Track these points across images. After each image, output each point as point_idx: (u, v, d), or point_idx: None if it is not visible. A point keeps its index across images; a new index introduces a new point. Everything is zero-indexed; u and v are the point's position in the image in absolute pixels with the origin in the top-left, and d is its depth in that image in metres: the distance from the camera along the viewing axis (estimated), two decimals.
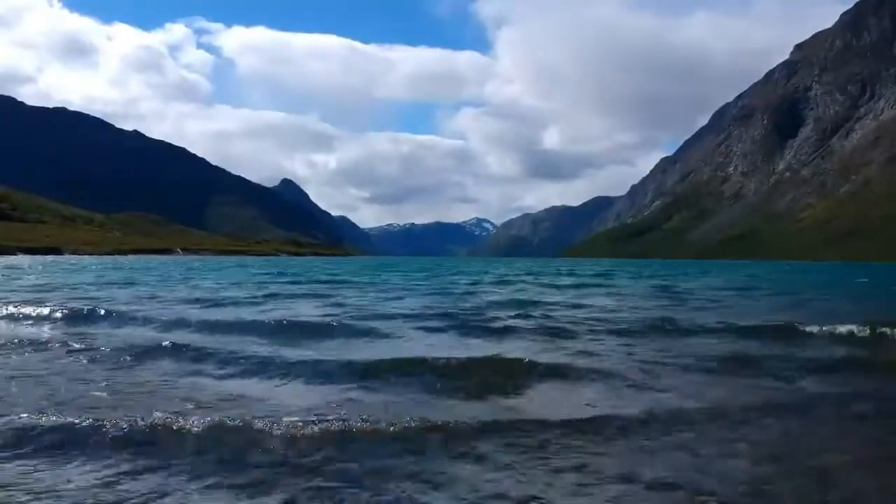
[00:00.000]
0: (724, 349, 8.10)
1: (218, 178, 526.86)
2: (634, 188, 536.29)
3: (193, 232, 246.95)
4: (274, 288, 21.21)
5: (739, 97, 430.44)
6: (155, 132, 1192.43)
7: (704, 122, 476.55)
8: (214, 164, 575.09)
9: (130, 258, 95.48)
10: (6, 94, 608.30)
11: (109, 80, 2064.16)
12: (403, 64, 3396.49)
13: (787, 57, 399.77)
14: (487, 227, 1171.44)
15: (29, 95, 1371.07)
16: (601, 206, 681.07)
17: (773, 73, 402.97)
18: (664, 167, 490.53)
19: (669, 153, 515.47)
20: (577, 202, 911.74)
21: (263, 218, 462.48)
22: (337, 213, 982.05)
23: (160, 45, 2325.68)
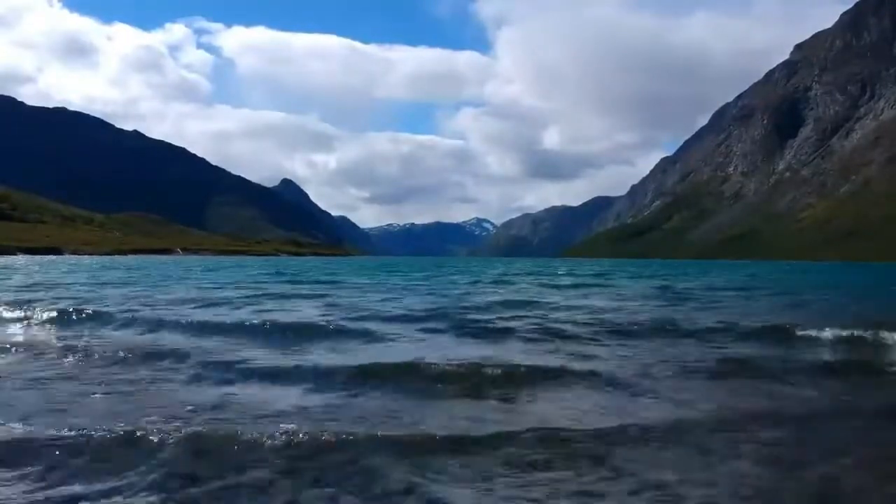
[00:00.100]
0: (725, 352, 8.03)
1: (218, 178, 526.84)
2: (634, 188, 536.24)
3: (193, 232, 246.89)
4: (271, 288, 21.07)
5: (739, 97, 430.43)
6: (155, 132, 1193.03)
7: (704, 122, 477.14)
8: (214, 164, 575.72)
9: (130, 258, 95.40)
10: (6, 94, 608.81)
11: (109, 80, 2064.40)
12: (403, 64, 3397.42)
13: (787, 57, 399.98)
14: (487, 227, 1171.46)
15: (29, 95, 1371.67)
16: (601, 206, 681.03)
17: (773, 73, 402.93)
18: (664, 167, 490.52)
19: (669, 153, 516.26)
20: (577, 202, 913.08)
21: (263, 218, 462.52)
22: (337, 213, 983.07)
23: (160, 45, 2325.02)
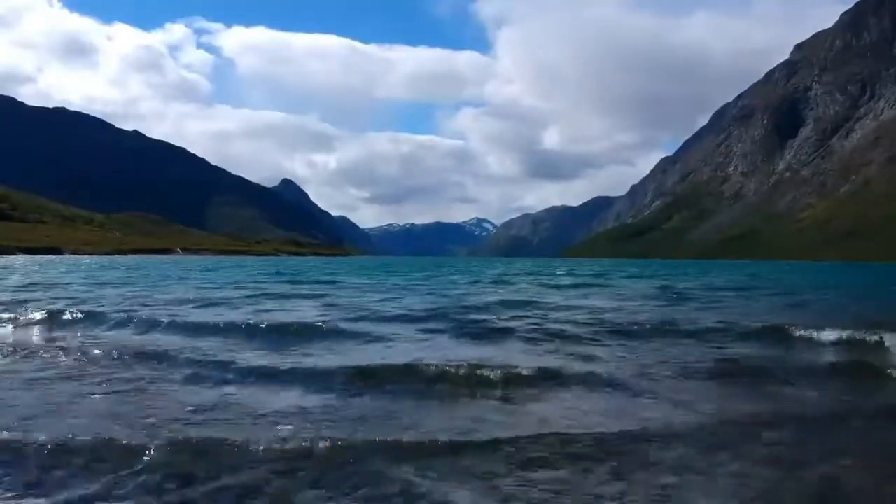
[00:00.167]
0: (725, 352, 7.93)
1: (218, 178, 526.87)
2: (634, 188, 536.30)
3: (193, 232, 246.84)
4: (270, 288, 20.95)
5: (739, 97, 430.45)
6: (155, 132, 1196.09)
7: (704, 122, 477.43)
8: (214, 164, 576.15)
9: (130, 258, 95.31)
10: (6, 94, 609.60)
11: (109, 80, 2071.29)
12: (403, 64, 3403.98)
13: (787, 57, 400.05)
14: (487, 227, 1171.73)
15: (29, 95, 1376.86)
16: (601, 206, 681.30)
17: (773, 73, 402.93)
18: (664, 167, 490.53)
19: (669, 153, 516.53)
20: (577, 202, 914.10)
21: (263, 218, 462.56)
22: (337, 213, 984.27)
23: (160, 45, 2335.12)
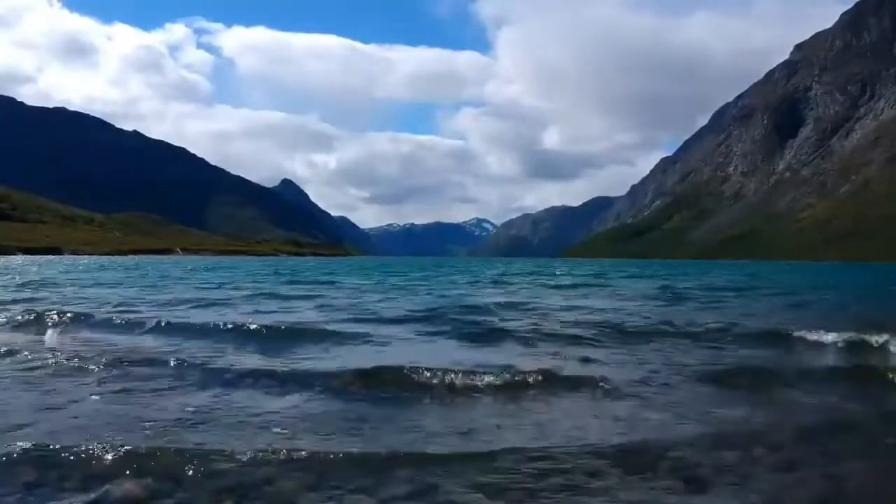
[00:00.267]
0: (727, 355, 7.78)
1: (218, 178, 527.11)
2: (634, 188, 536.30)
3: (193, 232, 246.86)
4: (267, 288, 20.80)
5: (739, 97, 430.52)
6: (155, 132, 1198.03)
7: (704, 122, 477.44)
8: (214, 164, 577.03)
9: (129, 258, 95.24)
10: (6, 94, 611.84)
11: (109, 80, 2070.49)
12: (403, 64, 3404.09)
13: (787, 57, 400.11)
14: (487, 227, 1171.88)
15: (29, 95, 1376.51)
16: (601, 206, 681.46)
17: (773, 73, 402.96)
18: (664, 167, 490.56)
19: (669, 153, 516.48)
20: (577, 202, 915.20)
21: (263, 218, 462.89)
22: (337, 213, 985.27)
23: (160, 45, 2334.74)
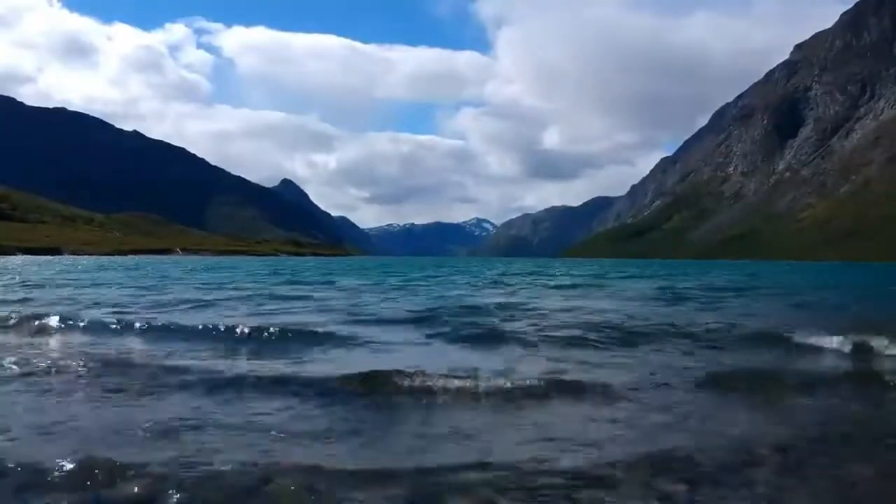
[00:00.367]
0: (730, 358, 7.68)
1: (218, 178, 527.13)
2: (634, 188, 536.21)
3: (193, 232, 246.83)
4: (264, 289, 20.65)
5: (739, 97, 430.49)
6: (155, 132, 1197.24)
7: (704, 122, 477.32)
8: (214, 164, 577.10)
9: (129, 258, 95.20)
10: (6, 94, 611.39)
11: (109, 80, 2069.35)
12: (403, 64, 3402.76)
13: (787, 57, 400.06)
14: (487, 227, 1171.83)
15: (29, 95, 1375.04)
16: (601, 206, 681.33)
17: (773, 73, 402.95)
18: (664, 167, 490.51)
19: (669, 153, 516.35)
20: (577, 202, 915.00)
21: (263, 218, 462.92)
22: (337, 213, 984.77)
23: (160, 45, 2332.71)
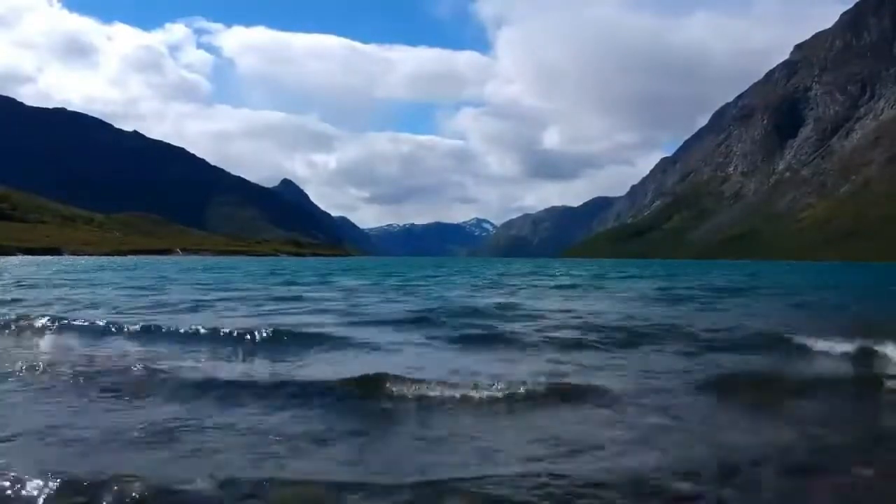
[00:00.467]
0: (731, 361, 7.61)
1: (218, 178, 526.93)
2: (634, 188, 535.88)
3: (193, 232, 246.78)
4: (262, 290, 20.71)
5: (739, 97, 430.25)
6: (155, 132, 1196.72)
7: (704, 122, 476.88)
8: (214, 164, 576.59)
9: (129, 258, 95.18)
10: (6, 94, 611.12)
11: (109, 80, 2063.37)
12: (403, 64, 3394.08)
13: (787, 57, 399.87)
14: (487, 227, 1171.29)
15: (29, 95, 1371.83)
16: (601, 206, 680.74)
17: (773, 73, 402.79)
18: (664, 167, 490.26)
19: (669, 153, 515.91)
20: (577, 202, 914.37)
21: (263, 218, 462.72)
22: (337, 213, 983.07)
23: (160, 45, 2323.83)
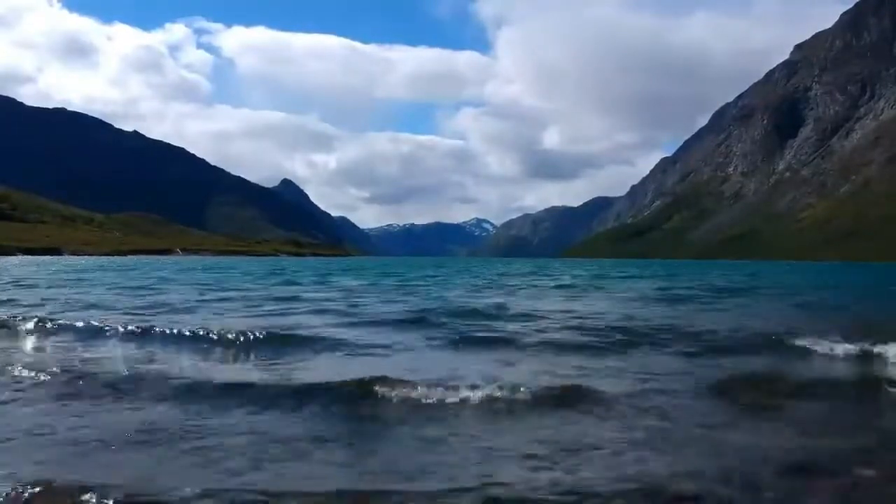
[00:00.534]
0: (731, 363, 7.55)
1: (218, 178, 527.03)
2: (634, 188, 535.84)
3: (193, 232, 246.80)
4: (261, 290, 20.69)
5: (739, 97, 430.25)
6: (155, 132, 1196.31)
7: (704, 122, 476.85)
8: (214, 164, 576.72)
9: (129, 258, 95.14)
10: (6, 94, 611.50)
11: (109, 80, 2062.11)
12: (403, 64, 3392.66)
13: (787, 57, 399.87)
14: (487, 227, 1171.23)
15: (29, 95, 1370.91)
16: (601, 206, 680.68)
17: (773, 73, 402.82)
18: (664, 167, 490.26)
19: (669, 153, 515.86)
20: (577, 202, 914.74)
21: (263, 218, 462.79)
22: (337, 213, 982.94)
23: (160, 45, 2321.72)
